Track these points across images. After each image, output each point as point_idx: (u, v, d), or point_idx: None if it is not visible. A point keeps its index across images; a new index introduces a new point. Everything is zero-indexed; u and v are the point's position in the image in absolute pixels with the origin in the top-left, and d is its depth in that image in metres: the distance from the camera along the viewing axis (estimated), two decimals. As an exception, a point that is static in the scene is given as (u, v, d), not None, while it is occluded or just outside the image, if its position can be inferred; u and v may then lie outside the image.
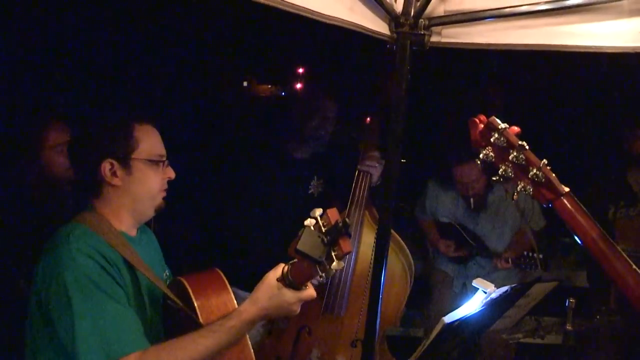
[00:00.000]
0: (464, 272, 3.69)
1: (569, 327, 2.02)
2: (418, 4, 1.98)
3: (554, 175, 1.22)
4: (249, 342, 1.70)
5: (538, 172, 1.21)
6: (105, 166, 1.66)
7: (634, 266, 1.14)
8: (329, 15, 1.77)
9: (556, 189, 1.20)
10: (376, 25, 2.00)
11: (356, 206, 2.66)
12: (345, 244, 1.35)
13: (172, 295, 1.68)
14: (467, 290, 3.51)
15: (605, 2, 1.70)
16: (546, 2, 1.83)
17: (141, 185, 1.71)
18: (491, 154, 1.27)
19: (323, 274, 1.37)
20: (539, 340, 2.36)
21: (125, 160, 1.68)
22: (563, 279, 3.90)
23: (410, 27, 1.99)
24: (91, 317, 1.47)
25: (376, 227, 2.58)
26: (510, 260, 3.44)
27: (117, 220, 1.70)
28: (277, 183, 2.92)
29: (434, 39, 2.06)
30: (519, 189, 1.24)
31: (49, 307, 1.51)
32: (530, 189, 1.23)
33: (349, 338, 2.65)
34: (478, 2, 1.95)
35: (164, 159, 1.77)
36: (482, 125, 1.28)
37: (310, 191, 2.99)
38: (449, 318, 1.99)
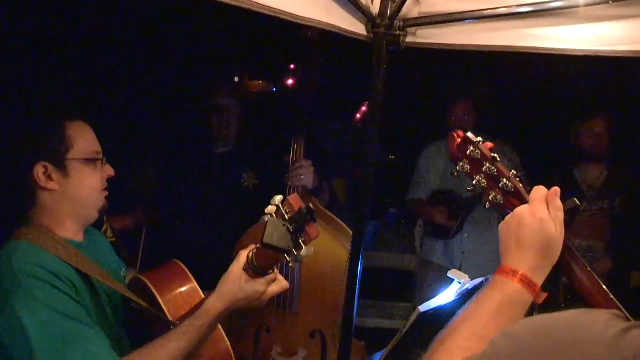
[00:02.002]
0: (458, 249, 3.73)
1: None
2: (394, 5, 2.06)
3: (521, 185, 1.31)
4: (225, 337, 1.69)
5: (507, 182, 1.30)
6: (39, 170, 1.51)
7: (589, 267, 1.22)
8: (305, 17, 1.83)
9: (523, 198, 1.29)
10: (353, 26, 2.07)
11: None
12: (312, 230, 1.36)
13: (135, 298, 1.58)
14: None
15: (566, 8, 1.79)
16: (519, 5, 1.92)
17: (81, 188, 1.57)
18: (467, 166, 1.35)
19: (291, 262, 1.37)
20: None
21: (60, 162, 1.53)
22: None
23: (386, 27, 2.07)
24: (52, 345, 1.32)
25: (317, 219, 2.63)
26: (517, 175, 3.42)
27: (60, 228, 1.55)
28: (207, 179, 2.92)
29: (409, 39, 2.14)
30: (490, 198, 1.33)
31: (2, 345, 1.33)
32: (500, 198, 1.31)
33: (306, 330, 2.66)
34: (450, 5, 2.04)
35: (101, 156, 1.63)
36: (459, 140, 1.37)
37: (245, 184, 2.93)
38: (424, 307, 2.06)
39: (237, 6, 1.57)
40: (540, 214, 1.14)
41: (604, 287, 1.18)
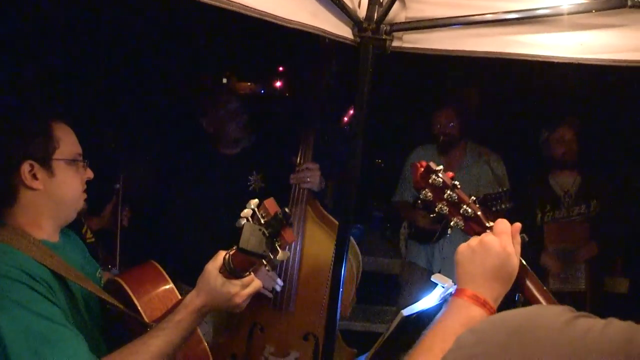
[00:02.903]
0: (438, 254, 3.74)
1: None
2: (381, 10, 2.06)
3: (480, 212, 1.36)
4: (203, 338, 1.67)
5: (468, 208, 1.36)
6: (25, 168, 1.51)
7: (544, 287, 1.28)
8: (292, 20, 1.82)
9: (483, 223, 1.35)
10: (339, 29, 2.07)
11: (296, 204, 2.64)
12: (288, 234, 1.36)
13: (112, 300, 1.57)
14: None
15: (550, 15, 1.81)
16: (505, 12, 1.93)
17: (65, 188, 1.58)
18: (429, 193, 1.41)
19: (268, 265, 1.37)
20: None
21: (46, 161, 1.53)
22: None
23: (373, 32, 2.07)
24: (29, 346, 1.30)
25: (320, 222, 2.66)
26: (476, 201, 3.43)
27: (36, 229, 1.54)
28: (212, 181, 2.90)
29: (395, 43, 2.14)
30: (452, 224, 1.39)
31: None
32: (462, 223, 1.38)
33: (300, 332, 2.68)
34: (437, 10, 2.04)
35: (82, 158, 1.64)
36: (422, 169, 1.43)
37: (250, 187, 2.94)
38: (407, 311, 2.06)
39: (224, 8, 1.56)
40: (509, 248, 1.21)
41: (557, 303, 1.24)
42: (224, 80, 6.98)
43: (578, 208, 3.64)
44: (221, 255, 1.50)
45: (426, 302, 2.14)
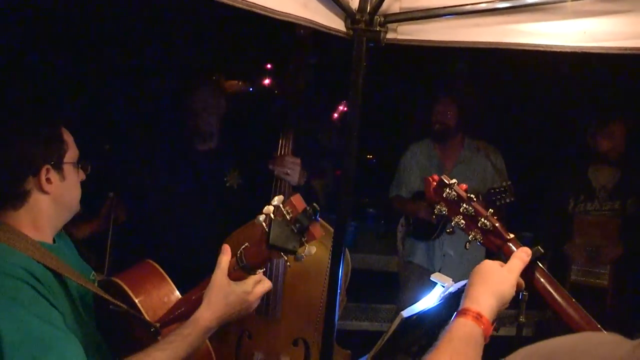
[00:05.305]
0: (439, 251, 3.69)
1: (522, 320, 2.05)
2: (374, 0, 1.99)
3: (498, 223, 1.33)
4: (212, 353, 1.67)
5: (486, 221, 1.33)
6: (43, 172, 1.52)
7: (573, 300, 1.25)
8: (281, 12, 1.75)
9: (502, 235, 1.32)
10: (331, 21, 2.00)
11: None
12: (316, 230, 1.37)
13: (115, 301, 1.54)
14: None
15: (551, 3, 1.74)
16: (501, 0, 1.86)
17: (72, 191, 1.61)
18: (444, 208, 1.39)
19: (291, 260, 1.40)
20: (493, 333, 2.39)
21: (59, 165, 1.56)
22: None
23: (366, 23, 2.00)
24: (27, 349, 1.29)
25: None
26: (480, 196, 3.41)
27: (34, 231, 1.52)
28: (186, 176, 2.89)
29: (390, 35, 2.07)
30: (470, 238, 1.36)
31: None
32: (480, 237, 1.35)
33: (290, 338, 2.62)
34: (433, 0, 1.97)
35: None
36: (434, 183, 1.40)
37: (227, 183, 2.91)
38: (407, 312, 2.01)
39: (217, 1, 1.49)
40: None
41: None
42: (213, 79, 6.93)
43: (612, 203, 3.59)
44: (225, 259, 1.49)
45: (426, 302, 2.09)
